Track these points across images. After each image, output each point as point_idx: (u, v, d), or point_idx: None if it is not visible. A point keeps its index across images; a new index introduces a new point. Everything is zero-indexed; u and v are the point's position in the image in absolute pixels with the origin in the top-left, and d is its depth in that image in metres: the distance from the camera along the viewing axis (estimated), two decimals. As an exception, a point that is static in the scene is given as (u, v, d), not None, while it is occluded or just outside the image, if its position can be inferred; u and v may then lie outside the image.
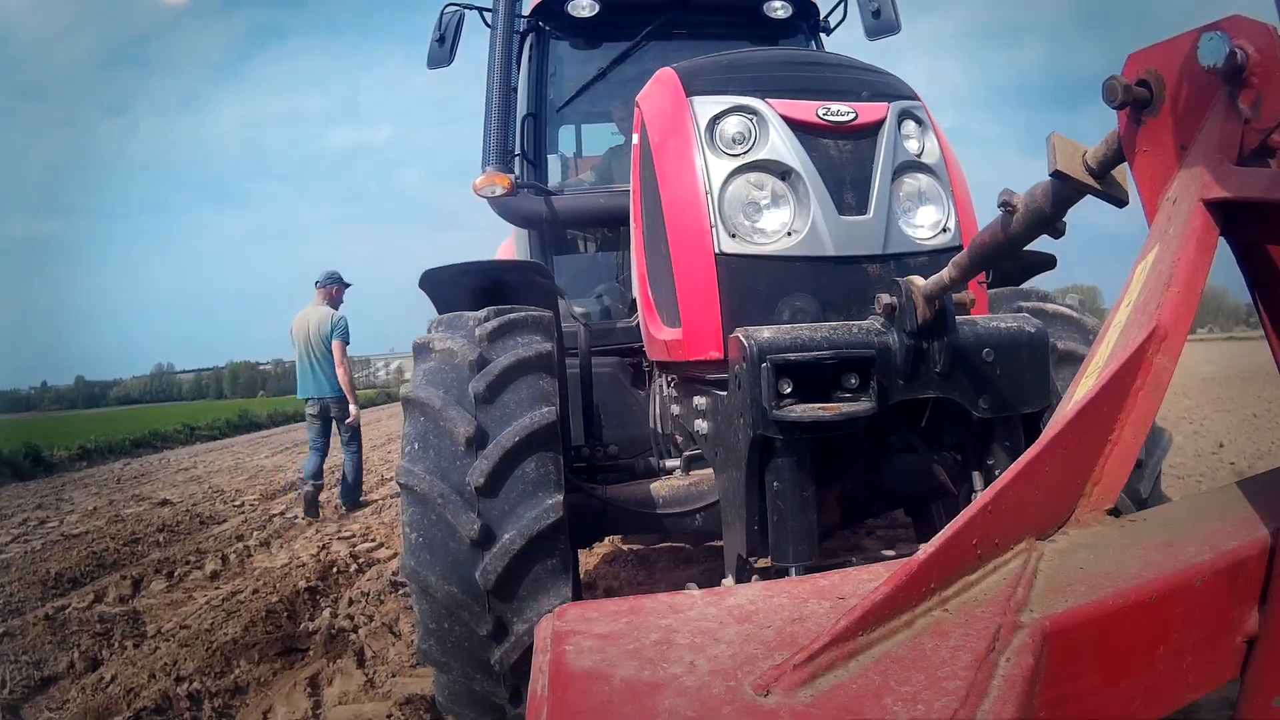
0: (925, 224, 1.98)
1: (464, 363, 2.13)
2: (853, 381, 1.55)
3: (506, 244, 4.10)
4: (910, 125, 2.01)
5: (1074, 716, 0.82)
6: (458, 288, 2.51)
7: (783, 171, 1.90)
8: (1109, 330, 1.04)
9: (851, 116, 1.92)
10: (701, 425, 2.02)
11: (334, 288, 7.27)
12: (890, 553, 1.88)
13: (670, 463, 2.62)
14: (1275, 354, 1.02)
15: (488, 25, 3.52)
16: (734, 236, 1.88)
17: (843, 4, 3.82)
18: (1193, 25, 0.99)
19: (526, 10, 3.72)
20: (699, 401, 2.03)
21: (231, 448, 17.21)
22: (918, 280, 1.57)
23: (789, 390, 1.54)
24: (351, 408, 7.07)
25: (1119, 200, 1.17)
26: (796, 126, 1.90)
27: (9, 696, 3.18)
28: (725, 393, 1.79)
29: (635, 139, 2.32)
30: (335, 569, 4.90)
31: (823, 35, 3.87)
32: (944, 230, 1.98)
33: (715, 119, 1.94)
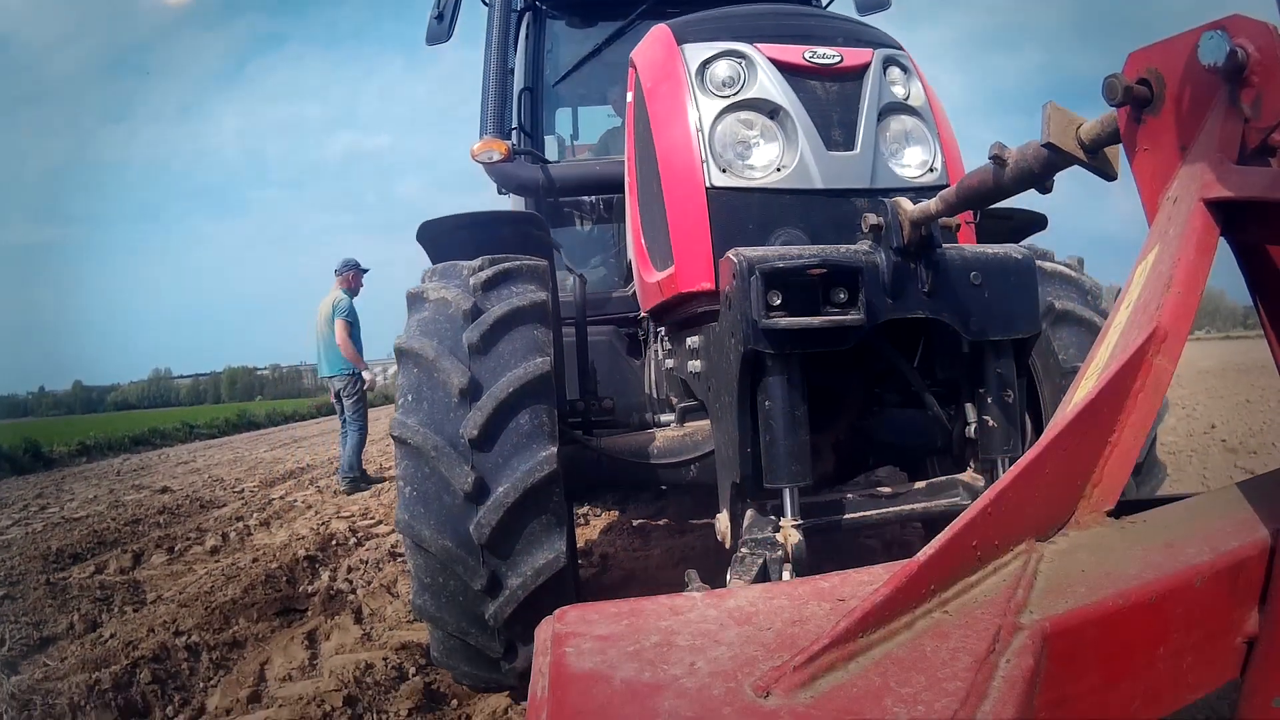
0: (912, 163, 2.01)
1: (458, 312, 2.13)
2: (841, 296, 1.57)
3: None
4: (895, 71, 2.04)
5: (1074, 717, 0.82)
6: (454, 240, 2.52)
7: (771, 110, 1.93)
8: (1109, 331, 1.04)
9: (837, 60, 1.96)
10: (695, 365, 2.03)
11: (350, 274, 7.54)
12: (886, 489, 1.88)
13: (665, 417, 2.63)
14: (1275, 354, 1.02)
15: (485, 3, 3.59)
16: (725, 171, 1.91)
17: None
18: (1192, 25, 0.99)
19: None
20: (692, 341, 2.05)
21: (231, 444, 17.23)
22: (904, 202, 1.60)
23: (778, 302, 1.55)
24: (365, 374, 7.41)
25: (1108, 175, 1.17)
26: (784, 69, 1.93)
27: (8, 654, 3.20)
28: (716, 323, 1.81)
29: (630, 97, 2.34)
30: (335, 542, 4.94)
31: None
32: (931, 170, 2.01)
33: (705, 63, 1.97)
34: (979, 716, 0.69)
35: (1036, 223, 2.77)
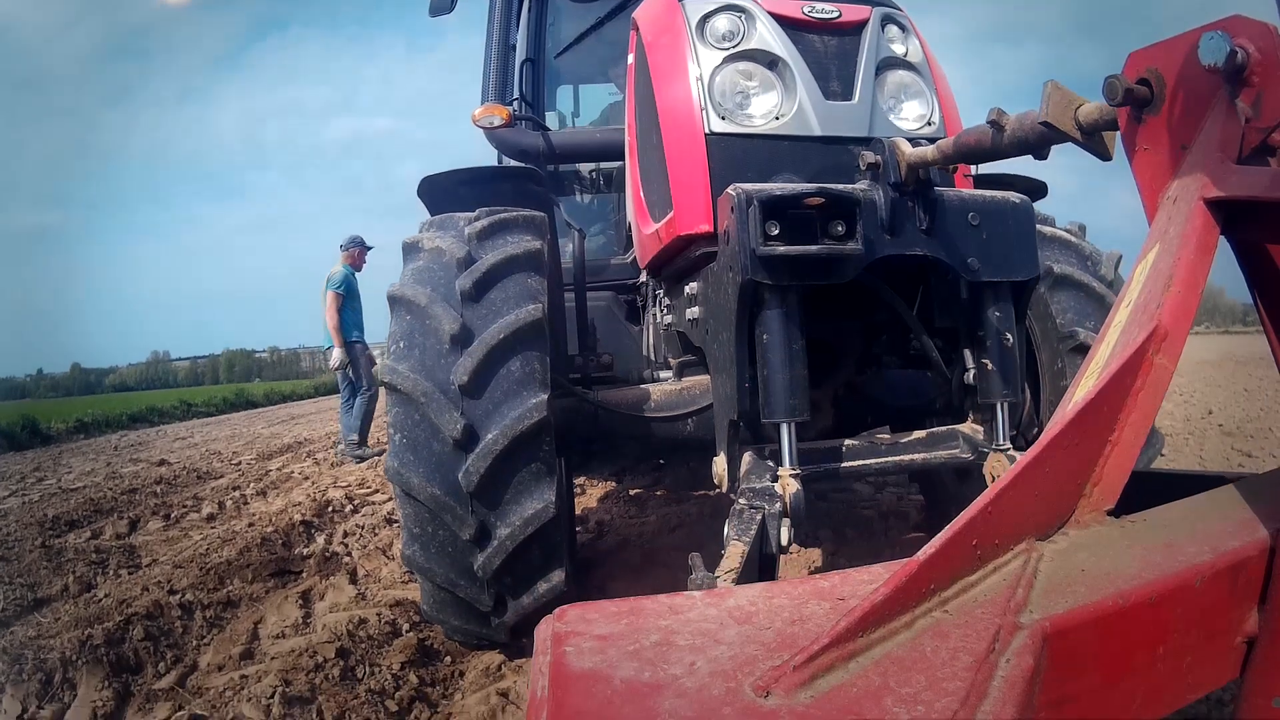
0: (910, 116, 2.02)
1: (452, 260, 2.13)
2: (839, 229, 1.57)
3: None
4: (894, 29, 2.06)
5: (1074, 717, 0.82)
6: (454, 194, 2.53)
7: (770, 61, 1.94)
8: (1109, 330, 1.04)
9: (836, 14, 1.99)
10: (693, 311, 2.03)
11: (355, 250, 7.57)
12: (885, 436, 1.89)
13: (664, 374, 2.64)
14: (1275, 353, 1.02)
15: None
16: (724, 119, 1.92)
17: None
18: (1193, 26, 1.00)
19: None
20: (690, 288, 2.05)
21: (229, 421, 17.20)
22: (902, 143, 1.61)
23: (776, 232, 1.55)
24: (335, 351, 7.33)
25: (1102, 155, 1.18)
26: (783, 22, 1.95)
27: (1, 614, 3.21)
28: (715, 263, 1.81)
29: (631, 58, 2.35)
30: (331, 508, 4.95)
31: None
32: (929, 124, 2.02)
33: (706, 17, 1.99)
34: (979, 716, 0.69)
35: (1035, 190, 2.79)
